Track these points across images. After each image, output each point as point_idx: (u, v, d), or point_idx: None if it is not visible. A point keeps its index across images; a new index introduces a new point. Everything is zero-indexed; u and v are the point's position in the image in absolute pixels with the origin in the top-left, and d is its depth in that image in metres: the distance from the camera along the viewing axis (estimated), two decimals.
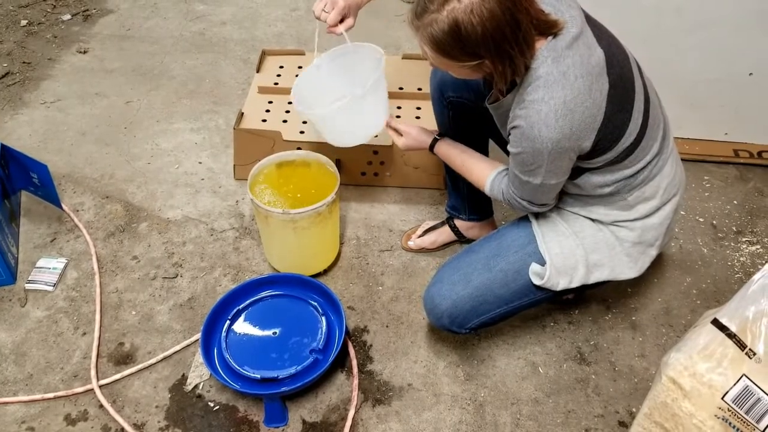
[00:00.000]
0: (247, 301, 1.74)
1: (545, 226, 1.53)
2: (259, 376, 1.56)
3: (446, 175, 1.95)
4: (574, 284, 1.51)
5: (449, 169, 1.86)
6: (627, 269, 1.53)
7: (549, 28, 1.25)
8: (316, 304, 1.73)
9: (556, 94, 1.24)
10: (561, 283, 1.50)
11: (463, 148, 1.63)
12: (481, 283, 1.51)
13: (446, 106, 1.76)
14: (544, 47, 1.26)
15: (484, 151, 1.85)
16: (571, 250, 1.50)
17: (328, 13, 1.61)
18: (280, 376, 1.56)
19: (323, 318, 1.69)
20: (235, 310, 1.71)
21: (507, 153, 1.57)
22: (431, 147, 1.66)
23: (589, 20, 1.35)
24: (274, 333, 1.68)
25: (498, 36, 1.19)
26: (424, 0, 1.22)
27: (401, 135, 1.68)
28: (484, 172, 1.55)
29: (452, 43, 1.21)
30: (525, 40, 1.22)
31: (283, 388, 1.55)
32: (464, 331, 1.56)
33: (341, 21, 1.63)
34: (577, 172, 1.40)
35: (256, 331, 1.69)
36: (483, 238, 1.62)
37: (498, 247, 1.55)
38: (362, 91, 1.56)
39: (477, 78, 1.41)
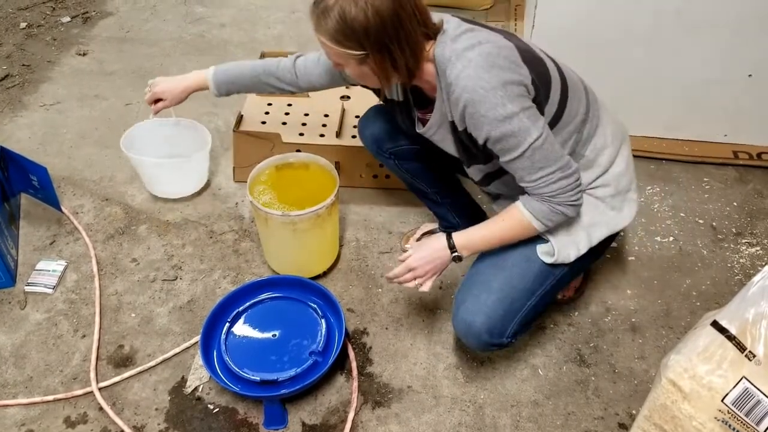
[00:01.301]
0: (247, 304, 1.73)
1: None
2: (258, 379, 1.56)
3: (423, 203, 1.96)
4: (583, 250, 1.51)
5: (421, 195, 1.92)
6: (619, 219, 1.56)
7: (436, 30, 1.36)
8: (315, 306, 1.73)
9: (471, 56, 1.31)
10: (571, 254, 1.50)
11: (478, 226, 1.50)
12: (501, 283, 1.50)
13: (389, 157, 1.81)
14: (437, 40, 1.36)
15: (451, 177, 1.89)
16: (568, 222, 1.51)
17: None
18: (280, 379, 1.56)
19: (323, 320, 1.69)
20: (234, 313, 1.71)
21: (466, 175, 1.60)
22: (451, 248, 1.49)
23: (465, 20, 1.42)
24: (274, 335, 1.68)
25: (380, 28, 1.27)
26: None
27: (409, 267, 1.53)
28: (514, 216, 1.45)
29: (341, 31, 1.28)
30: (408, 38, 1.31)
31: (283, 391, 1.55)
32: (506, 340, 1.52)
33: (155, 101, 1.90)
34: None
35: (255, 334, 1.68)
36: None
37: (499, 247, 1.56)
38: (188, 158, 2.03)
39: (368, 83, 1.47)
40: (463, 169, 1.69)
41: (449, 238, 1.48)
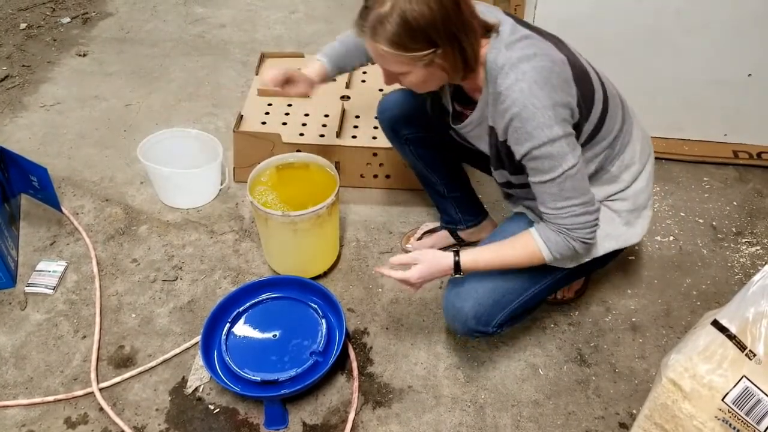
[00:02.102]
0: (247, 304, 1.74)
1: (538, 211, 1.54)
2: (259, 379, 1.56)
3: (428, 193, 1.96)
4: (585, 258, 1.51)
5: (431, 190, 1.90)
6: (630, 235, 1.55)
7: (487, 29, 1.31)
8: (315, 306, 1.73)
9: (525, 68, 1.27)
10: (569, 261, 1.50)
11: (488, 248, 1.47)
12: (497, 274, 1.51)
13: (405, 143, 1.79)
14: (490, 44, 1.31)
15: (461, 170, 1.88)
16: None
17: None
18: (281, 379, 1.56)
19: (323, 320, 1.69)
20: (235, 313, 1.71)
21: (488, 173, 1.58)
22: (456, 268, 1.45)
23: (519, 22, 1.39)
24: (274, 336, 1.68)
25: (446, 19, 1.22)
26: (364, 3, 1.27)
27: (408, 269, 1.48)
28: (526, 244, 1.42)
29: (404, 34, 1.22)
30: (470, 26, 1.26)
31: (284, 391, 1.55)
32: (492, 329, 1.53)
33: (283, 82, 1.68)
34: None
35: (256, 334, 1.68)
36: (482, 242, 1.62)
37: (500, 240, 1.56)
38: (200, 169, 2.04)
39: (429, 87, 1.41)
40: (474, 161, 1.70)
41: (456, 256, 1.44)
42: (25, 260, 1.96)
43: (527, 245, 1.41)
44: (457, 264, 1.44)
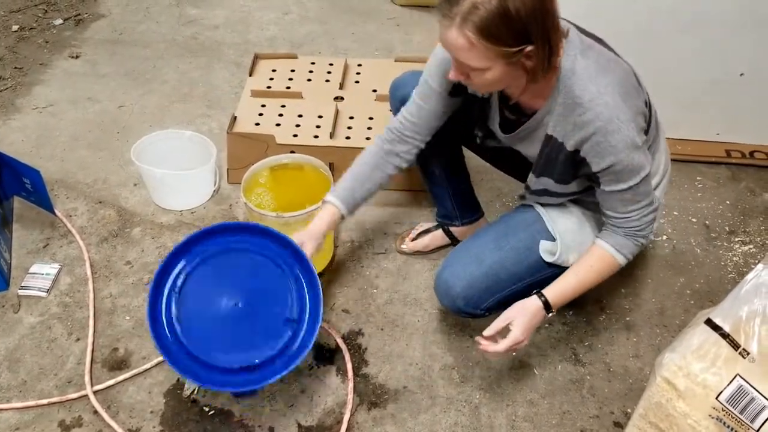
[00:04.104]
0: (194, 263, 1.47)
1: (550, 208, 1.56)
2: (237, 366, 1.41)
3: (428, 186, 1.94)
4: None
5: (430, 179, 1.88)
6: None
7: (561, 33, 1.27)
8: (274, 257, 1.50)
9: (605, 81, 1.25)
10: (571, 259, 1.51)
11: (567, 276, 1.45)
12: (494, 261, 1.51)
13: None
14: (564, 49, 1.26)
15: (460, 165, 1.87)
16: (580, 226, 1.52)
17: None
18: (258, 360, 1.41)
19: (292, 279, 1.48)
20: (180, 277, 1.45)
21: (493, 162, 1.56)
22: (546, 308, 1.43)
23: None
24: (237, 304, 1.46)
25: (545, 13, 1.16)
26: None
27: (504, 336, 1.42)
28: (602, 258, 1.43)
29: (500, 23, 1.13)
30: (559, 26, 1.21)
31: (271, 379, 1.40)
32: (479, 311, 1.55)
33: None
34: None
35: (214, 306, 1.45)
36: (487, 224, 1.63)
37: (506, 228, 1.56)
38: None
39: (495, 89, 1.37)
40: (474, 147, 1.73)
41: (540, 297, 1.41)
42: (18, 263, 1.95)
43: (603, 259, 1.42)
44: (546, 304, 1.42)
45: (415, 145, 1.62)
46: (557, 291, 1.43)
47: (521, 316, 1.41)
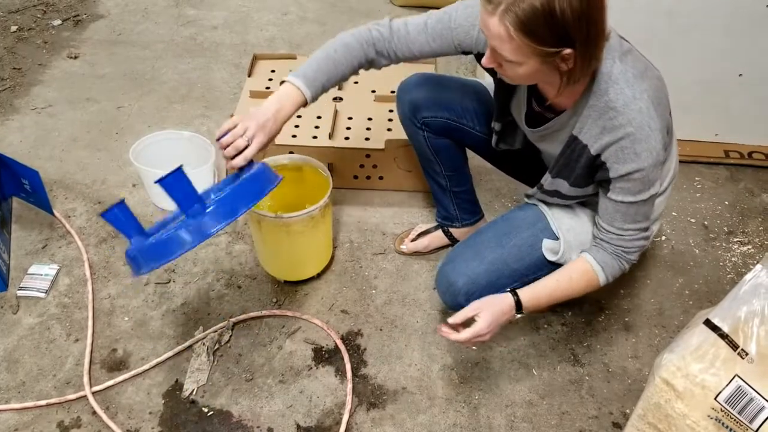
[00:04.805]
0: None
1: (554, 207, 1.56)
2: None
3: (430, 187, 1.95)
4: None
5: (432, 175, 1.88)
6: None
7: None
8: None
9: (642, 87, 1.24)
10: (574, 258, 1.50)
11: (547, 282, 1.43)
12: (496, 258, 1.51)
13: (421, 127, 1.74)
14: (604, 52, 1.23)
15: (464, 168, 1.87)
16: (582, 226, 1.52)
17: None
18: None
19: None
20: None
21: (498, 165, 1.56)
22: (518, 308, 1.41)
23: None
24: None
25: (591, 19, 1.11)
26: None
27: (470, 325, 1.40)
28: (584, 272, 1.40)
29: (543, 21, 1.09)
30: (604, 33, 1.17)
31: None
32: None
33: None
34: None
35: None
36: (489, 222, 1.63)
37: (508, 226, 1.56)
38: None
39: (528, 82, 1.35)
40: (481, 149, 1.73)
41: (514, 295, 1.40)
42: (17, 264, 1.95)
43: (585, 273, 1.41)
44: (518, 303, 1.40)
45: (391, 59, 1.51)
46: (533, 294, 1.41)
47: (489, 310, 1.39)
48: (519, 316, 1.43)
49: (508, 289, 1.42)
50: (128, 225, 1.36)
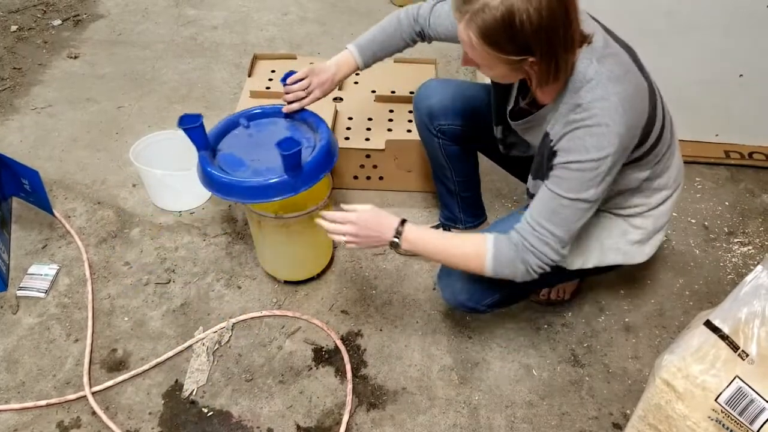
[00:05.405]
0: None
1: None
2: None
3: (436, 186, 1.94)
4: (589, 265, 1.51)
5: (441, 179, 1.88)
6: (637, 254, 1.54)
7: (582, 39, 1.24)
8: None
9: (614, 90, 1.22)
10: (575, 263, 1.50)
11: (439, 234, 1.42)
12: None
13: (435, 135, 1.76)
14: (583, 52, 1.24)
15: (475, 174, 1.88)
16: (585, 231, 1.50)
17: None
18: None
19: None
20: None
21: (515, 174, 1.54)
22: (397, 235, 1.37)
23: (604, 28, 1.35)
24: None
25: (551, 31, 1.14)
26: None
27: (344, 224, 1.40)
28: (476, 244, 1.35)
29: (503, 32, 1.14)
30: (572, 41, 1.19)
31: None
32: (482, 307, 1.55)
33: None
34: None
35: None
36: (493, 222, 1.63)
37: (508, 226, 1.55)
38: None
39: (509, 80, 1.38)
40: (506, 164, 1.76)
41: (402, 223, 1.37)
42: (17, 264, 1.95)
43: (477, 246, 1.34)
44: (398, 232, 1.36)
45: (426, 38, 1.70)
46: (417, 235, 1.37)
47: (370, 213, 1.39)
48: (392, 245, 1.38)
49: (401, 219, 1.38)
50: (202, 139, 1.69)
